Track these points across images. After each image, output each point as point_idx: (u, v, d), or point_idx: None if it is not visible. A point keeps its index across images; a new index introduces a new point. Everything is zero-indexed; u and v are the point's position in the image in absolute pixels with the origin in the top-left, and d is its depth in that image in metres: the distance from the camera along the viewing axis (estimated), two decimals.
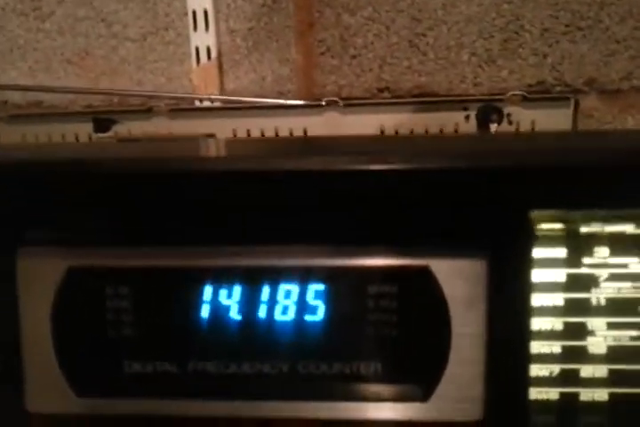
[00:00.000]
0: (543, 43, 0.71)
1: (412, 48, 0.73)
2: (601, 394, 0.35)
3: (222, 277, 0.35)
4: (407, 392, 0.35)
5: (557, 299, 0.35)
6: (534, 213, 0.34)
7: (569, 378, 0.35)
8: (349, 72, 0.74)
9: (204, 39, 0.69)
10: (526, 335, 0.35)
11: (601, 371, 0.35)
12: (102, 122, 0.65)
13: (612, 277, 0.35)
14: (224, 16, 0.74)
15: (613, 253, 0.35)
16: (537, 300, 0.35)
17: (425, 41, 0.73)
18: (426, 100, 0.67)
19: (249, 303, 0.36)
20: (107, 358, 0.36)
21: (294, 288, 0.35)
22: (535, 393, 0.36)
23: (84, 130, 0.65)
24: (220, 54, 0.70)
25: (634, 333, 0.35)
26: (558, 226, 0.35)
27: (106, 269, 0.36)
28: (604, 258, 0.35)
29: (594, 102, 0.71)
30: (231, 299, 0.36)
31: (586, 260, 0.35)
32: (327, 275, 0.35)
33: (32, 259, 0.36)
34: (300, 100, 0.69)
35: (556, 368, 0.35)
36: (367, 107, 0.65)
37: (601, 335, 0.35)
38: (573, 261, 0.35)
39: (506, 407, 0.35)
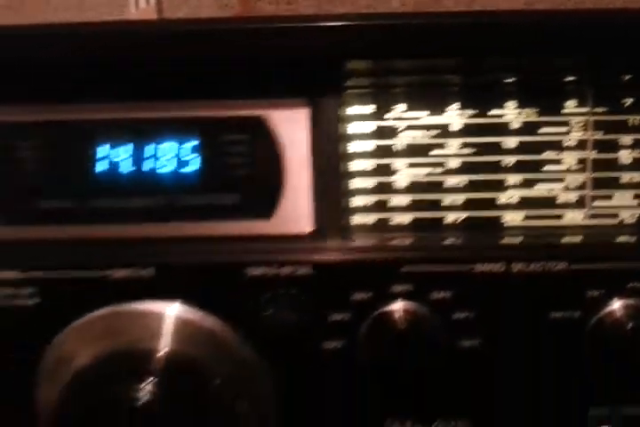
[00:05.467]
0: None
1: None
2: (407, 218, 0.47)
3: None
4: (254, 212, 0.45)
5: (370, 145, 0.47)
6: (349, 65, 0.44)
7: (381, 206, 0.47)
8: None
9: None
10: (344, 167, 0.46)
11: (406, 200, 0.47)
12: None
13: (409, 128, 0.47)
14: None
15: (410, 108, 0.46)
16: (353, 146, 0.46)
17: None
18: None
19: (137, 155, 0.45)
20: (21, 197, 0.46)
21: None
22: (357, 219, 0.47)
23: None
24: None
25: (428, 170, 0.47)
26: (367, 81, 0.46)
27: (12, 124, 0.45)
28: (403, 112, 0.47)
29: None
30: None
31: (387, 115, 0.47)
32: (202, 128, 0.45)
33: None
34: None
35: (372, 198, 0.47)
36: None
37: (404, 173, 0.47)
38: (379, 114, 0.47)
39: (333, 221, 0.46)
